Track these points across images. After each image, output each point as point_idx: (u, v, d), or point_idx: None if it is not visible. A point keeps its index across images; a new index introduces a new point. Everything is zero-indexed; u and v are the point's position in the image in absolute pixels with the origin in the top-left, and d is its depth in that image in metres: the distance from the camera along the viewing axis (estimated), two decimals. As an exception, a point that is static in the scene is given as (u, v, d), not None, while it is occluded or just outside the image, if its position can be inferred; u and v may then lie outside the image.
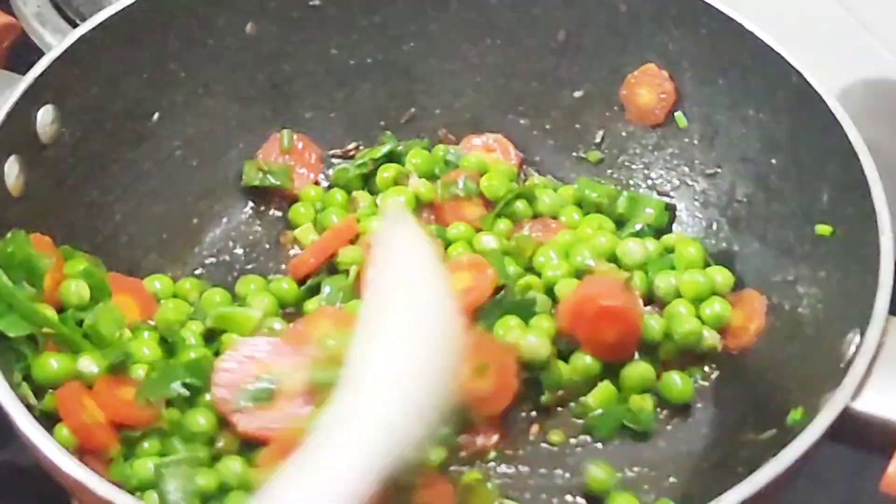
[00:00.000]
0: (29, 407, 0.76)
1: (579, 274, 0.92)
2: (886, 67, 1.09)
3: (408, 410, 0.73)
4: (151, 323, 0.90)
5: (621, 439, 0.90)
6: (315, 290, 0.93)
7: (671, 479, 0.87)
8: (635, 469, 0.88)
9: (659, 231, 0.97)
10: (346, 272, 0.93)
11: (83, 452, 0.80)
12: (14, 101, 0.85)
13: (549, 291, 0.93)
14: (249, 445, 0.84)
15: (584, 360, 0.90)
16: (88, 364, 0.83)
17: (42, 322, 0.82)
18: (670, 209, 0.98)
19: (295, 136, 1.01)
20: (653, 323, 0.90)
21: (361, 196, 0.99)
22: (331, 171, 1.02)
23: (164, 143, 0.97)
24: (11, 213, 0.85)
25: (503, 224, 0.97)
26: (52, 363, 0.82)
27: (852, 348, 0.79)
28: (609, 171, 1.02)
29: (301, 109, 1.02)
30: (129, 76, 0.94)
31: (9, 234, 0.84)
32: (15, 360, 0.81)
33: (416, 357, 0.75)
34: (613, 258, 0.94)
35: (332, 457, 0.70)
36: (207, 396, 0.85)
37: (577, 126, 1.03)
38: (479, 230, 0.97)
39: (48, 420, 0.79)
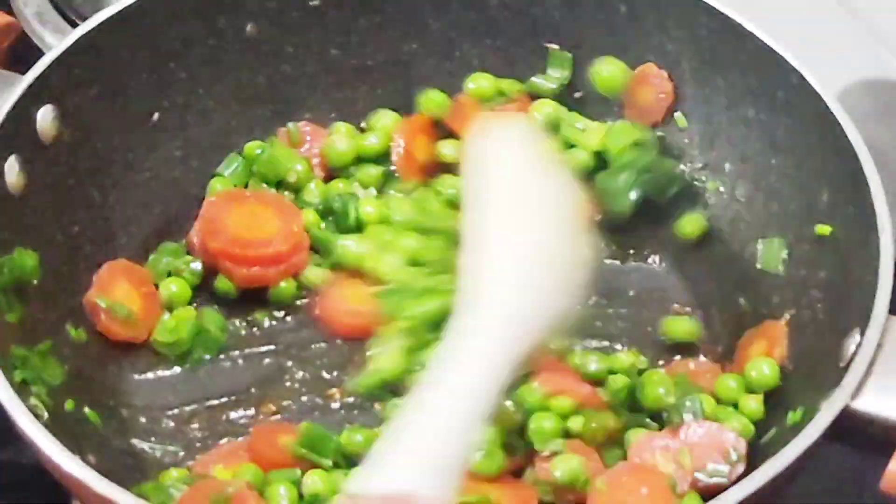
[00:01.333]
0: (37, 416, 0.76)
1: None
2: (887, 67, 1.09)
3: (532, 306, 0.75)
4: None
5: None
6: None
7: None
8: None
9: None
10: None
11: None
12: (14, 101, 0.85)
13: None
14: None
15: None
16: None
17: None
18: None
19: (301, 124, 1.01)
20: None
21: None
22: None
23: (165, 144, 0.97)
24: (11, 213, 0.85)
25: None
26: None
27: (852, 348, 0.79)
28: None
29: (301, 110, 1.01)
30: (128, 76, 0.94)
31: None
32: (20, 364, 0.81)
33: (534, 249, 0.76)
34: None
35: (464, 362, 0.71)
36: None
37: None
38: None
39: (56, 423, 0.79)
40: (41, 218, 0.88)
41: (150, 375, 0.91)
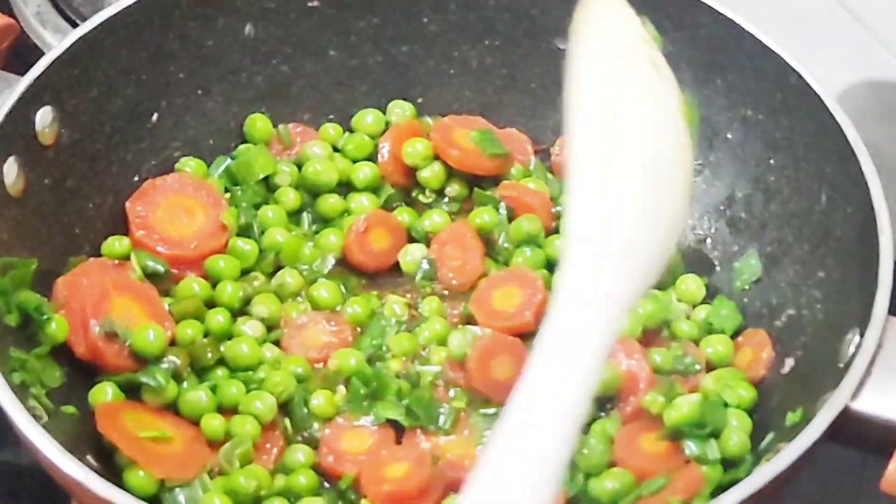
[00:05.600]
0: (36, 417, 0.76)
1: None
2: (886, 68, 1.09)
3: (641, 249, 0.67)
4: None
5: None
6: None
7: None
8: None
9: None
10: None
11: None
12: (13, 103, 0.85)
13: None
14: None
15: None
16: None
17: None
18: None
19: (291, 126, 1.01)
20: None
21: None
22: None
23: (163, 145, 0.97)
24: (10, 215, 0.85)
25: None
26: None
27: (851, 348, 0.79)
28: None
29: (299, 111, 1.01)
30: (128, 77, 0.94)
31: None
32: (19, 366, 0.81)
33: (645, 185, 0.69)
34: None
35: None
36: None
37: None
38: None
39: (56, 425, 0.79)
40: (40, 220, 0.88)
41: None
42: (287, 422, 0.86)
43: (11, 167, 0.85)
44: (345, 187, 0.99)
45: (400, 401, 0.86)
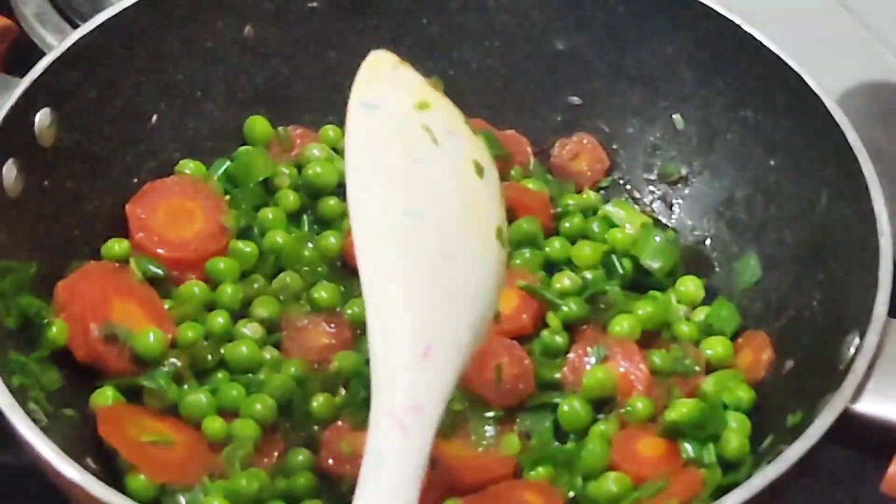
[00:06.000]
0: (35, 420, 0.76)
1: None
2: (887, 69, 1.09)
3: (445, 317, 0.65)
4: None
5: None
6: None
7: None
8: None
9: None
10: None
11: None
12: (12, 104, 0.85)
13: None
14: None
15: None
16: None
17: None
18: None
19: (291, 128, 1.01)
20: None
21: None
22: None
23: (163, 147, 0.97)
24: (9, 217, 0.85)
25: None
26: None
27: (851, 350, 0.78)
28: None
29: (299, 113, 1.01)
30: (127, 79, 0.94)
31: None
32: (18, 370, 0.81)
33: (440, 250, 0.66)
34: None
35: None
36: None
37: (577, 128, 1.02)
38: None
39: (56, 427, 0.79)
40: (39, 222, 0.88)
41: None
42: (287, 424, 0.86)
43: (10, 169, 0.85)
44: (345, 189, 0.98)
45: None
